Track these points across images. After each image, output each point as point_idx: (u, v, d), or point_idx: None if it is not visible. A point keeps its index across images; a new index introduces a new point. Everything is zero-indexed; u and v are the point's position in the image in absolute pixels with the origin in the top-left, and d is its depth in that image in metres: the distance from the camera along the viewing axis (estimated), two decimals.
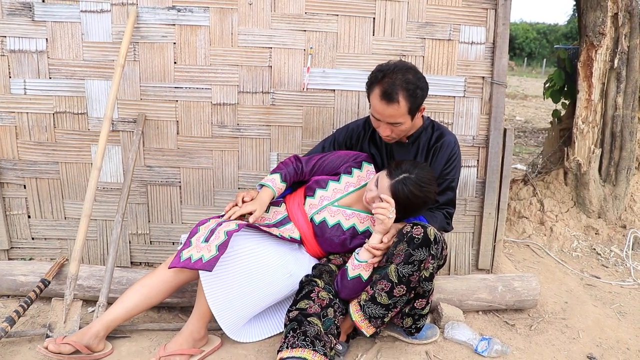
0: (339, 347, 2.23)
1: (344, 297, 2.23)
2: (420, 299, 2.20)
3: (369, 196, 2.23)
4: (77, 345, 2.05)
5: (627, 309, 2.89)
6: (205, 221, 2.22)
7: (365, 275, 2.18)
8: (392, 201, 2.12)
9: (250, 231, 2.24)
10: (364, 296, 2.16)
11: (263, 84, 2.77)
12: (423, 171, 2.18)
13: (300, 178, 2.47)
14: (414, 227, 2.10)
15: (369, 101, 2.24)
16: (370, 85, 2.22)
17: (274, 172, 2.42)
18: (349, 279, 2.19)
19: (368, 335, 2.21)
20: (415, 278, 2.10)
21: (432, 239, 2.08)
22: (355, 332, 2.32)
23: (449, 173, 2.39)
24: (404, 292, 2.12)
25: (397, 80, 2.14)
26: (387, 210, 2.11)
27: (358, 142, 2.52)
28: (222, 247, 2.04)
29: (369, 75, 2.23)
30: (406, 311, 2.23)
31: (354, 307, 2.20)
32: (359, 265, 2.18)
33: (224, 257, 2.09)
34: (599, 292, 3.10)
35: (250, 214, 2.24)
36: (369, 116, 2.46)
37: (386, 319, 2.18)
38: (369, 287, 2.16)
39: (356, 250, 2.24)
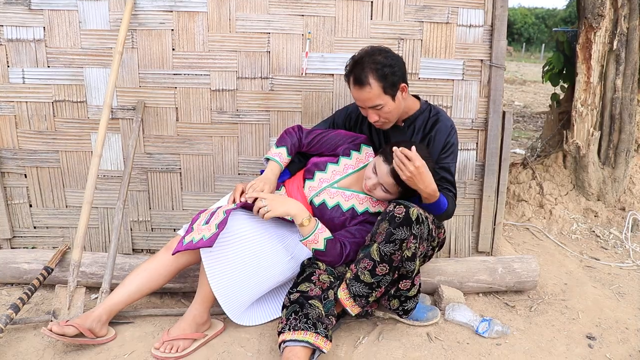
0: None
1: (323, 262, 2.28)
2: (404, 280, 2.21)
3: (369, 184, 2.25)
4: (81, 328, 2.07)
5: (626, 290, 2.92)
6: (205, 210, 2.26)
7: (320, 246, 2.19)
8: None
9: (252, 214, 2.25)
10: (348, 274, 2.19)
11: (262, 70, 2.76)
12: (418, 150, 2.18)
13: (300, 149, 2.51)
14: (396, 207, 2.11)
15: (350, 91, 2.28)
16: (346, 76, 2.26)
17: (280, 144, 2.45)
18: (312, 250, 2.25)
19: (353, 315, 2.23)
20: (397, 257, 2.11)
21: (413, 219, 2.08)
22: (343, 312, 2.29)
23: (446, 158, 2.37)
24: (386, 272, 2.12)
25: (365, 64, 2.17)
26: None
27: (357, 124, 2.53)
28: (222, 225, 2.06)
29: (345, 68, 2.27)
30: (392, 292, 2.24)
31: (341, 286, 2.22)
32: (306, 242, 2.21)
33: (226, 240, 2.11)
34: (598, 274, 3.12)
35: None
36: None
37: (370, 299, 2.19)
38: (353, 265, 2.18)
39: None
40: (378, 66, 2.16)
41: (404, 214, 2.08)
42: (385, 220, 2.11)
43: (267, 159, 2.44)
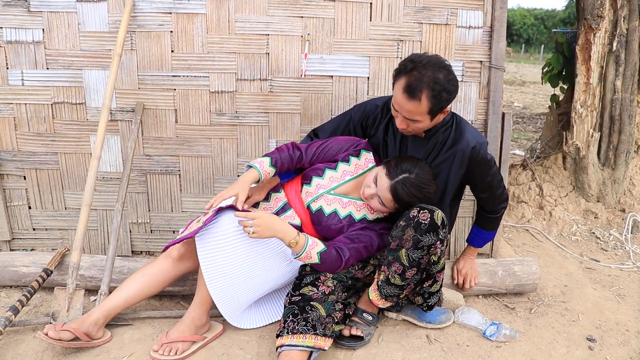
0: (369, 317, 2.33)
1: (323, 271, 2.27)
2: (428, 280, 2.26)
3: (367, 193, 2.22)
4: (77, 332, 2.07)
5: (626, 292, 2.91)
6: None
7: (315, 260, 2.15)
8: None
9: None
10: (381, 277, 2.22)
11: (261, 71, 2.76)
12: (423, 171, 2.16)
13: (298, 166, 2.42)
14: (421, 212, 2.10)
15: (393, 89, 2.15)
16: (398, 73, 2.10)
17: (265, 155, 2.34)
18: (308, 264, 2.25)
19: (385, 307, 2.33)
20: (425, 261, 2.15)
21: (439, 224, 2.10)
22: (379, 310, 2.43)
23: (488, 176, 2.35)
24: (415, 273, 2.17)
25: (425, 77, 2.02)
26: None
27: (374, 124, 2.44)
28: (208, 220, 2.07)
29: (400, 62, 2.13)
30: (416, 290, 2.29)
31: (372, 287, 2.29)
32: (300, 259, 2.17)
33: (224, 243, 2.10)
34: (598, 276, 3.11)
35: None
36: (387, 99, 2.41)
37: (401, 296, 2.26)
38: (385, 266, 2.19)
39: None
40: (437, 87, 2.02)
41: (429, 219, 2.08)
42: (410, 227, 2.10)
43: (249, 166, 2.31)
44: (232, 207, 2.16)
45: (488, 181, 2.37)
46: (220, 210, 2.14)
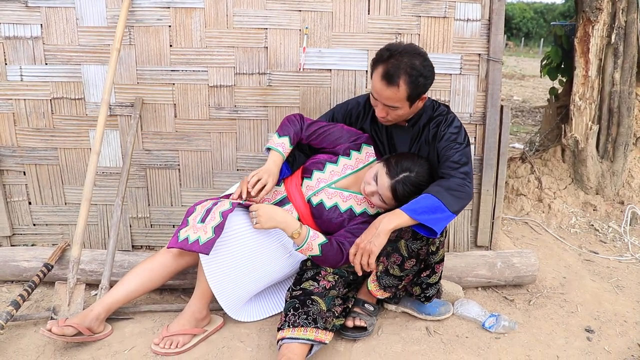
0: (371, 307, 2.35)
1: (325, 266, 2.28)
2: (426, 270, 2.27)
3: (368, 190, 2.23)
4: (80, 327, 2.08)
5: (624, 283, 2.92)
6: (202, 201, 2.25)
7: (316, 252, 2.16)
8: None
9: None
10: (380, 267, 2.24)
11: (259, 65, 2.76)
12: (422, 168, 2.18)
13: (298, 139, 2.44)
14: None
15: (372, 78, 2.18)
16: (375, 62, 2.15)
17: (282, 133, 2.36)
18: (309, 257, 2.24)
19: (383, 298, 2.36)
20: (423, 251, 2.17)
21: None
22: (378, 301, 2.44)
23: (448, 150, 2.21)
24: (414, 264, 2.19)
25: (402, 64, 2.06)
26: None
27: (357, 121, 2.47)
28: (218, 230, 2.05)
29: (377, 51, 2.16)
30: (414, 280, 2.30)
31: (371, 277, 2.31)
32: (301, 251, 2.18)
33: (224, 237, 2.10)
34: (597, 267, 3.12)
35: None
36: (368, 96, 2.40)
37: (400, 287, 2.29)
38: (384, 257, 2.20)
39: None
40: (414, 72, 2.06)
41: None
42: None
43: (269, 149, 2.36)
44: (233, 209, 2.16)
45: (446, 153, 2.23)
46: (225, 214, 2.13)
